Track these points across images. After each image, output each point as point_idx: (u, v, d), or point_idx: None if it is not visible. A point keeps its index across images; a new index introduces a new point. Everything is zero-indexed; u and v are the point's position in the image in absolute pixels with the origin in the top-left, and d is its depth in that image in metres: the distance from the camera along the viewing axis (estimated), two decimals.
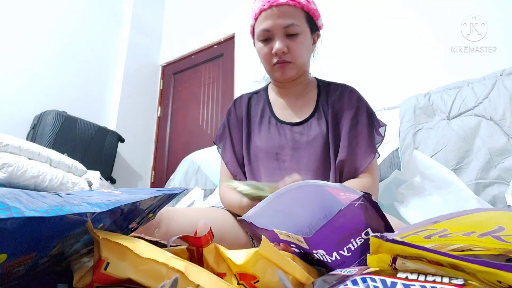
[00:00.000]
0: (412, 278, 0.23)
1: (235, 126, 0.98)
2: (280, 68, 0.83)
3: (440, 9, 1.74)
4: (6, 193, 0.20)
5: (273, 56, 0.82)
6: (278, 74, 0.85)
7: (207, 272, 0.30)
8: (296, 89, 0.93)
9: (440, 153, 1.20)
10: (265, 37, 0.82)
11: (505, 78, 1.21)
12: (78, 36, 2.72)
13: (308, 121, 0.88)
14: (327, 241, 0.39)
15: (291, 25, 0.79)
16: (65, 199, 0.22)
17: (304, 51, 0.83)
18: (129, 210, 0.27)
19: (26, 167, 1.58)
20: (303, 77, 0.92)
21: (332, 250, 0.39)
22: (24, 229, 0.19)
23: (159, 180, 2.93)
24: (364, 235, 0.39)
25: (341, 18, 2.10)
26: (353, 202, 0.39)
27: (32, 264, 0.24)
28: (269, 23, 0.79)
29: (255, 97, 1.01)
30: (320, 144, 0.85)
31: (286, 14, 0.78)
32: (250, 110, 0.98)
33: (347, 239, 0.39)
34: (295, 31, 0.79)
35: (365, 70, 1.88)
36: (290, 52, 0.81)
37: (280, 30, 0.79)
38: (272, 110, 0.95)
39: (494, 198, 1.05)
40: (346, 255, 0.39)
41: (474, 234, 0.26)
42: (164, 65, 3.32)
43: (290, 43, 0.80)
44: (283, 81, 0.89)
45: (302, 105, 0.92)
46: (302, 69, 0.87)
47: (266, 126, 0.92)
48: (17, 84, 2.30)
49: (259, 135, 0.92)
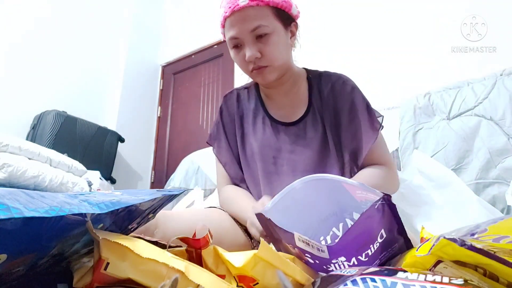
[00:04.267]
0: (412, 278, 0.23)
1: (229, 125, 0.93)
2: (258, 74, 0.78)
3: (440, 9, 1.74)
4: (6, 193, 0.20)
5: (247, 63, 0.77)
6: (259, 80, 0.81)
7: (207, 272, 0.30)
8: (284, 88, 0.87)
9: (440, 153, 1.20)
10: (235, 44, 0.77)
11: (505, 78, 1.21)
12: (78, 36, 2.72)
13: (303, 120, 0.84)
14: (350, 246, 0.38)
15: (258, 27, 0.73)
16: (65, 199, 0.22)
17: (279, 51, 0.77)
18: (129, 211, 0.27)
19: (26, 167, 1.58)
20: (288, 74, 0.85)
21: (352, 255, 0.38)
22: (24, 229, 0.19)
23: (159, 180, 2.93)
24: (379, 238, 0.38)
25: (341, 18, 2.10)
26: (374, 204, 0.37)
27: (32, 264, 0.24)
28: (235, 30, 0.75)
29: (245, 93, 0.95)
30: (317, 144, 0.82)
31: (250, 17, 0.73)
32: (242, 107, 0.93)
33: (368, 245, 0.38)
34: (264, 32, 0.74)
35: (365, 70, 1.88)
36: (263, 56, 0.75)
37: (248, 35, 0.74)
38: (265, 108, 0.90)
39: (494, 198, 1.05)
40: (363, 260, 0.38)
41: (505, 240, 0.25)
42: (164, 65, 3.32)
43: (262, 46, 0.75)
44: (266, 85, 0.86)
45: (294, 103, 0.87)
46: (283, 68, 0.81)
47: (261, 126, 0.88)
48: (17, 84, 2.29)
49: (254, 136, 0.88)
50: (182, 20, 3.23)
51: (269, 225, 0.47)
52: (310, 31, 2.19)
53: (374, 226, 0.38)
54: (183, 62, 3.16)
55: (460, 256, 0.26)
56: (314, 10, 2.22)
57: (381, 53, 1.87)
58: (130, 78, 2.99)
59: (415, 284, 0.22)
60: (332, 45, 2.08)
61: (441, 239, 0.27)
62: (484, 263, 0.26)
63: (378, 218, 0.38)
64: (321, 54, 2.05)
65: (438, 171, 1.01)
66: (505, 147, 1.09)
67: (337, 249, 0.38)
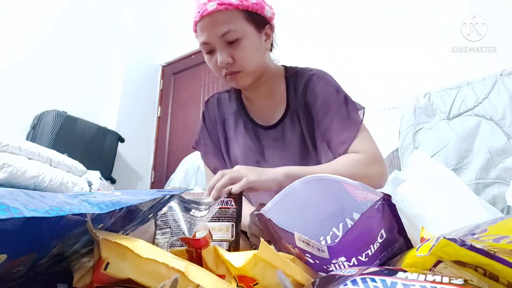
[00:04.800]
0: (412, 278, 0.23)
1: (212, 130, 0.92)
2: (231, 79, 0.77)
3: (440, 9, 1.74)
4: (6, 193, 0.20)
5: (220, 68, 0.76)
6: (233, 85, 0.80)
7: (207, 272, 0.30)
8: (262, 90, 0.84)
9: (440, 153, 1.20)
10: (207, 50, 0.76)
11: (505, 78, 1.22)
12: (78, 36, 2.72)
13: (282, 122, 0.82)
14: (350, 247, 0.38)
15: (227, 32, 0.71)
16: (65, 199, 0.22)
17: (251, 55, 0.75)
18: (130, 211, 0.27)
19: (26, 167, 1.58)
20: (265, 77, 0.82)
21: (352, 256, 0.38)
22: (24, 229, 0.19)
23: (159, 180, 2.93)
24: (379, 238, 0.38)
25: (341, 18, 2.10)
26: (374, 204, 0.37)
27: (32, 264, 0.24)
28: (205, 35, 0.73)
29: (226, 97, 0.93)
30: (297, 146, 0.80)
31: (219, 21, 0.71)
32: (223, 111, 0.92)
33: (368, 245, 0.38)
34: (234, 37, 0.72)
35: (365, 70, 1.88)
36: (235, 61, 0.73)
37: (218, 40, 0.72)
38: (246, 111, 0.88)
39: (494, 198, 1.05)
40: (363, 261, 0.38)
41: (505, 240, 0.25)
42: (164, 65, 3.32)
43: (233, 51, 0.73)
44: (243, 89, 0.84)
45: (273, 105, 0.85)
46: (257, 73, 0.78)
47: (242, 130, 0.86)
48: (17, 84, 2.29)
49: (236, 140, 0.87)
50: (182, 20, 3.23)
51: (269, 225, 0.47)
52: (310, 31, 2.19)
53: (374, 226, 0.38)
54: (183, 62, 3.16)
55: (460, 256, 0.27)
56: (314, 10, 2.22)
57: (381, 53, 1.88)
58: (130, 78, 2.99)
59: (415, 284, 0.22)
60: (332, 45, 2.08)
61: (441, 239, 0.27)
62: (484, 263, 0.26)
63: (378, 218, 0.38)
64: (321, 54, 2.05)
65: (438, 171, 1.00)
66: (505, 147, 1.09)
67: (337, 249, 0.37)
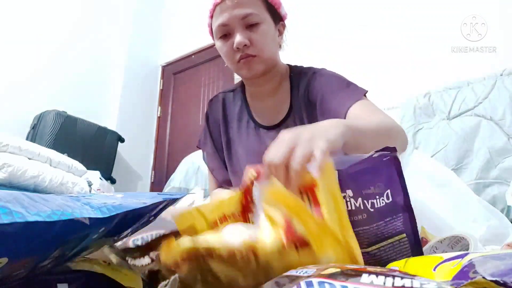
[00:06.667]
0: (378, 283, 0.21)
1: (215, 130, 0.91)
2: (245, 64, 0.75)
3: (440, 9, 1.74)
4: (7, 196, 0.21)
5: (235, 52, 0.74)
6: (245, 71, 0.77)
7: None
8: (269, 87, 0.83)
9: (440, 153, 1.20)
10: (224, 33, 0.75)
11: (505, 78, 1.22)
12: (78, 36, 2.72)
13: (284, 123, 0.81)
14: (356, 183, 0.39)
15: (250, 14, 0.72)
16: (67, 203, 0.22)
17: (268, 42, 0.75)
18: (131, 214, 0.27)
19: (26, 167, 1.58)
20: (274, 72, 0.82)
21: (358, 195, 0.39)
22: (25, 233, 0.19)
23: (159, 180, 2.93)
24: (385, 197, 0.39)
25: (341, 18, 2.10)
26: (381, 155, 0.39)
27: (33, 267, 0.24)
28: (225, 16, 0.73)
29: (230, 96, 0.92)
30: None
31: (242, 3, 0.72)
32: (226, 112, 0.90)
33: (373, 194, 0.39)
34: (255, 21, 0.72)
35: (365, 70, 1.88)
36: (252, 44, 0.73)
37: (239, 22, 0.72)
38: (250, 111, 0.87)
39: (494, 198, 1.05)
40: (369, 209, 0.39)
41: None
42: (164, 65, 3.32)
43: (252, 34, 0.73)
44: (251, 78, 0.81)
45: (277, 104, 0.83)
46: (270, 62, 0.78)
47: (245, 131, 0.85)
48: (17, 84, 2.30)
49: (240, 141, 0.85)
50: (182, 20, 3.23)
51: None
52: (309, 30, 2.19)
53: (381, 174, 0.39)
54: (183, 62, 3.16)
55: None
56: (313, 10, 2.22)
57: (381, 53, 1.88)
58: (130, 78, 2.99)
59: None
60: (332, 45, 2.08)
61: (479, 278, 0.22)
62: None
63: (384, 171, 0.39)
64: (320, 53, 2.05)
65: (438, 171, 1.00)
66: (505, 147, 1.09)
67: (345, 174, 0.39)
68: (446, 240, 0.54)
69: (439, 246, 0.54)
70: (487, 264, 0.24)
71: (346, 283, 0.21)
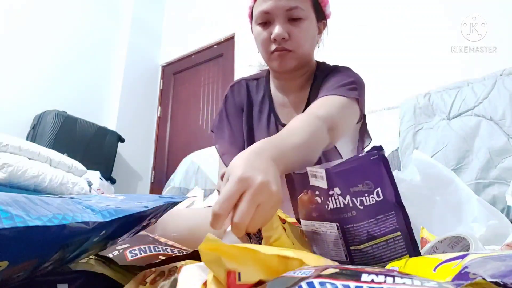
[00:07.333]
0: (378, 281, 0.21)
1: (234, 116, 0.87)
2: (278, 57, 0.72)
3: (440, 9, 1.74)
4: (8, 199, 0.20)
5: (271, 42, 0.71)
6: (276, 64, 0.74)
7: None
8: (295, 83, 0.81)
9: (440, 153, 1.20)
10: (264, 20, 0.72)
11: (505, 78, 1.22)
12: (78, 36, 2.72)
13: None
14: (343, 181, 0.40)
15: (295, 8, 0.69)
16: (68, 206, 0.22)
17: (307, 39, 0.73)
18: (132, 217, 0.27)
19: (26, 167, 1.58)
20: (305, 69, 0.80)
21: (346, 193, 0.40)
22: (26, 237, 0.19)
23: (159, 180, 2.93)
24: (376, 195, 0.39)
25: (341, 18, 2.10)
26: (369, 154, 0.40)
27: (33, 270, 0.24)
28: (269, 4, 0.70)
29: (253, 84, 0.89)
30: None
31: None
32: (251, 98, 0.87)
33: (361, 192, 0.39)
34: (299, 15, 0.70)
35: (365, 70, 1.88)
36: (291, 38, 0.70)
37: (282, 13, 0.70)
38: (272, 105, 0.83)
39: (494, 198, 1.05)
40: (358, 207, 0.39)
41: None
42: (164, 65, 3.31)
43: (292, 28, 0.70)
44: (281, 72, 0.78)
45: (297, 101, 0.81)
46: (304, 60, 0.76)
47: (265, 123, 0.83)
48: (17, 84, 2.29)
49: (259, 132, 0.83)
50: (182, 20, 3.23)
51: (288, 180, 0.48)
52: None
53: (369, 172, 0.40)
54: (183, 62, 3.16)
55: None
56: None
57: (381, 53, 1.87)
58: (130, 78, 2.99)
59: (383, 287, 0.19)
60: (332, 45, 2.08)
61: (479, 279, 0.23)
62: None
63: (373, 170, 0.39)
64: (320, 53, 2.05)
65: (438, 171, 1.00)
66: (505, 147, 1.09)
67: (333, 173, 0.40)
68: (447, 240, 0.54)
69: (440, 246, 0.54)
70: (487, 265, 0.24)
71: (348, 281, 0.21)
